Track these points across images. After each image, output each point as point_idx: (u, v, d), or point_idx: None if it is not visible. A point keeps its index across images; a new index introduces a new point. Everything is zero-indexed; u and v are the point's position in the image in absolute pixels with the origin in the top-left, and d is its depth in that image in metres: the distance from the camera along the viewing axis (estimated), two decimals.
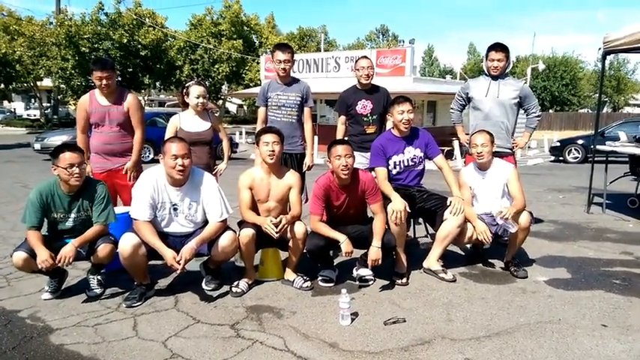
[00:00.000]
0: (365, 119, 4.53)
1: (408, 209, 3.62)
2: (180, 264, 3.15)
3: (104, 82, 3.97)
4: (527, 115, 4.87)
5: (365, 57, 4.65)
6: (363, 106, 4.51)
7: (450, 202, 3.78)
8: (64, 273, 3.59)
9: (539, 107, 4.99)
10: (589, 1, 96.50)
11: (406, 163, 3.97)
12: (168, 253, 3.20)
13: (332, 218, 3.75)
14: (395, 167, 3.96)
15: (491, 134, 4.01)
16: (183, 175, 3.34)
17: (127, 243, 3.24)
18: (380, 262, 3.51)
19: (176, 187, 3.41)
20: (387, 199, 3.70)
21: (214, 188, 3.49)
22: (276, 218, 3.46)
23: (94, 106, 4.07)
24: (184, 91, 4.19)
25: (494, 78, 4.64)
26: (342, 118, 4.67)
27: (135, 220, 3.34)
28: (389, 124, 4.16)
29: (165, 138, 4.08)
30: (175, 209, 3.44)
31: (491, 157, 3.99)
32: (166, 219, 3.45)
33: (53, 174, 3.35)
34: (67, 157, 3.27)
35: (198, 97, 4.11)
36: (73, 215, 3.42)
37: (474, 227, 3.82)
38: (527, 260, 4.32)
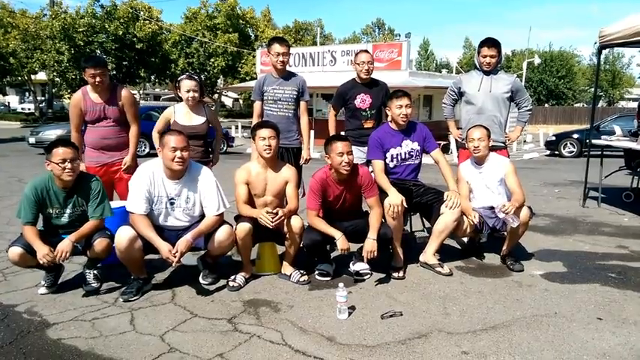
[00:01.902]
0: (363, 113, 4.52)
1: (405, 204, 3.62)
2: (175, 257, 3.15)
3: (97, 79, 3.93)
4: (518, 109, 4.87)
5: (365, 51, 4.62)
6: (362, 100, 4.49)
7: (447, 196, 3.79)
8: (61, 267, 3.57)
9: (531, 101, 4.98)
10: None
11: (403, 156, 3.96)
12: (163, 246, 3.20)
13: (328, 212, 3.75)
14: (392, 160, 3.96)
15: (487, 129, 4.03)
16: (182, 167, 3.34)
17: (123, 236, 3.23)
18: (375, 254, 3.51)
19: (174, 181, 3.40)
20: (383, 193, 3.70)
21: (212, 182, 3.48)
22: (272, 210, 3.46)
23: (88, 104, 4.03)
24: (176, 84, 4.15)
25: (487, 73, 4.63)
26: (333, 111, 4.71)
27: (131, 213, 3.33)
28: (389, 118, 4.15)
29: (156, 127, 4.09)
30: (172, 203, 3.43)
31: (487, 151, 4.00)
32: (163, 213, 3.44)
33: (47, 169, 3.33)
34: (60, 152, 3.24)
35: (188, 92, 4.02)
36: (68, 211, 3.40)
37: (467, 217, 3.84)
38: (524, 254, 4.33)
